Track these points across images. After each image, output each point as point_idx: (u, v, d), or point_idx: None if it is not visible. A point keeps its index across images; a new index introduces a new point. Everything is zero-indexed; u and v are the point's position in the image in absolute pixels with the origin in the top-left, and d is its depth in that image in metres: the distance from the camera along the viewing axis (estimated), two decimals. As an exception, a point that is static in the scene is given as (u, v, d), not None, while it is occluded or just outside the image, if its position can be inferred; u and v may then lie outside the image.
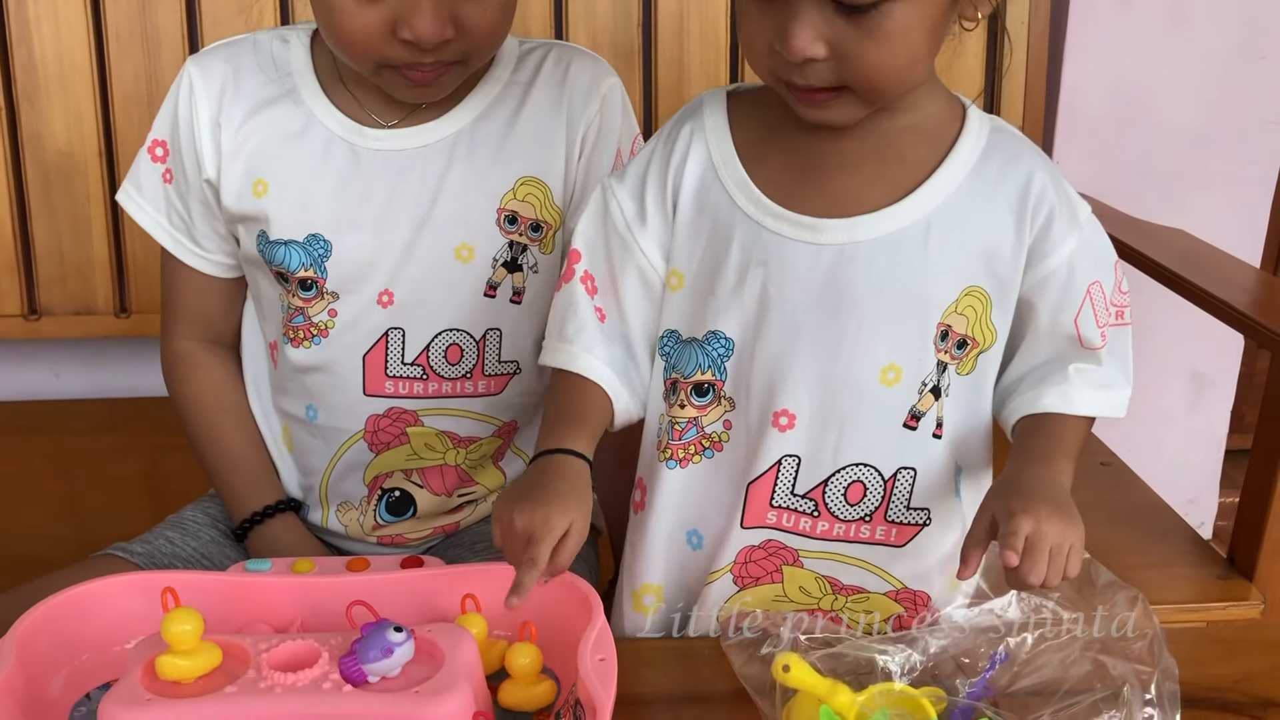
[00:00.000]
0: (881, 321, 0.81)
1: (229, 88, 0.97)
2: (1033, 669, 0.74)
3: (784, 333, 0.82)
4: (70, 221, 1.45)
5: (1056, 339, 0.84)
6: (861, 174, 0.81)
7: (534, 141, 0.98)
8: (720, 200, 0.84)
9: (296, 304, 0.98)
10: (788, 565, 0.87)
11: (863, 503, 0.85)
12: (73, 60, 1.41)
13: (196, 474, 1.18)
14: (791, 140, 0.83)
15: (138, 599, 0.77)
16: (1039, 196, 0.81)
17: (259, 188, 0.97)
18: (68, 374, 1.64)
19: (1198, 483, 1.90)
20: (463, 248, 0.97)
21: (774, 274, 0.81)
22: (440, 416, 1.01)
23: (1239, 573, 1.22)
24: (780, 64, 0.76)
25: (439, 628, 0.73)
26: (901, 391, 0.82)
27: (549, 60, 1.01)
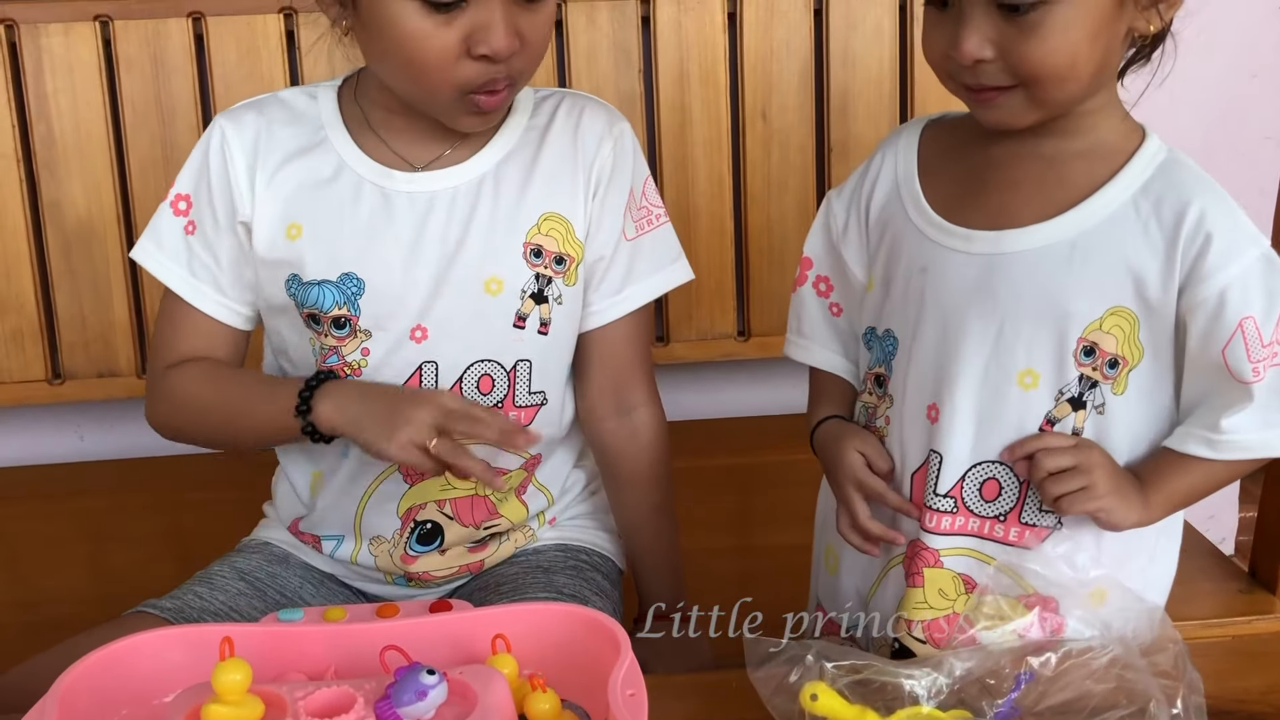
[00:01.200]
0: (1020, 328, 0.86)
1: (263, 137, 1.01)
2: (1059, 688, 0.75)
3: (935, 333, 0.89)
4: (91, 286, 1.48)
5: (1208, 368, 0.85)
6: (1020, 192, 0.88)
7: (553, 181, 1.03)
8: (898, 213, 0.93)
9: (330, 344, 1.01)
10: (929, 568, 0.91)
11: (998, 500, 0.89)
12: (90, 131, 1.45)
13: (221, 529, 1.20)
14: (967, 158, 0.91)
15: (175, 652, 0.78)
16: (1195, 226, 0.82)
17: (292, 231, 1.00)
18: (91, 436, 1.66)
19: (1217, 499, 1.88)
20: (491, 280, 1.01)
21: (932, 279, 0.90)
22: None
23: (1261, 586, 1.22)
24: (955, 67, 0.83)
25: (471, 669, 0.74)
26: (1038, 396, 0.87)
27: (563, 107, 1.05)
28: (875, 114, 1.52)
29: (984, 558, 0.90)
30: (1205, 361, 0.85)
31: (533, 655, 0.79)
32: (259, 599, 1.04)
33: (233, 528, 1.18)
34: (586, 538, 1.13)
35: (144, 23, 1.43)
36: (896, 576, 0.94)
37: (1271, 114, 1.69)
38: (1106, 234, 0.84)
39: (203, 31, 1.44)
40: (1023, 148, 0.87)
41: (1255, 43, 1.65)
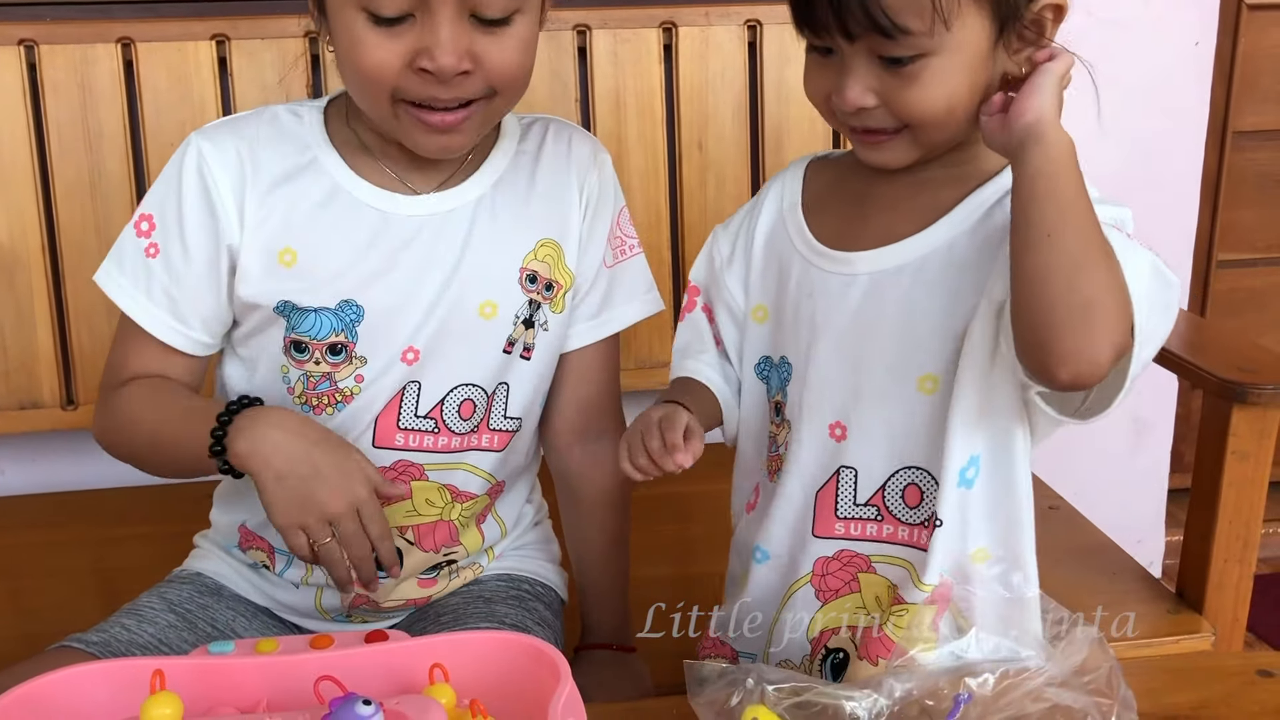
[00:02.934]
0: (914, 336, 0.88)
1: (247, 158, 0.98)
2: (997, 708, 0.75)
3: (829, 353, 0.91)
4: (14, 315, 1.44)
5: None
6: (898, 211, 0.90)
7: (550, 204, 1.03)
8: (785, 244, 0.96)
9: (322, 370, 0.99)
10: (862, 572, 0.92)
11: (921, 506, 0.90)
12: (14, 157, 1.41)
13: (148, 565, 1.17)
14: (850, 187, 0.94)
15: (101, 689, 0.75)
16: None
17: (286, 257, 0.98)
18: (11, 470, 1.61)
19: (1144, 523, 1.94)
20: (486, 305, 1.00)
21: (819, 304, 0.92)
22: (445, 470, 1.02)
23: (1189, 607, 1.25)
24: (840, 111, 0.86)
25: (408, 699, 0.73)
26: (940, 399, 0.88)
27: (550, 132, 1.06)
28: (809, 144, 1.54)
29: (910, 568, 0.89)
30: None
31: (472, 684, 0.78)
32: (189, 631, 1.02)
33: (160, 563, 1.15)
34: (530, 567, 1.12)
35: (71, 48, 1.40)
36: (803, 598, 0.93)
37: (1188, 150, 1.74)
38: (976, 233, 0.87)
39: (132, 57, 1.42)
40: (900, 175, 0.90)
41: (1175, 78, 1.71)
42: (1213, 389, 1.21)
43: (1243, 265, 2.05)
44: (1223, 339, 1.34)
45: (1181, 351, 1.27)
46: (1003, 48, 0.84)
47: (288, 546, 0.92)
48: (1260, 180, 2.00)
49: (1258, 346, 1.29)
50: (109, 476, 1.56)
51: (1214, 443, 1.21)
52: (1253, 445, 1.19)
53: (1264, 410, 1.18)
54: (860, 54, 0.83)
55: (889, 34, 0.80)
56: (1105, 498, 1.78)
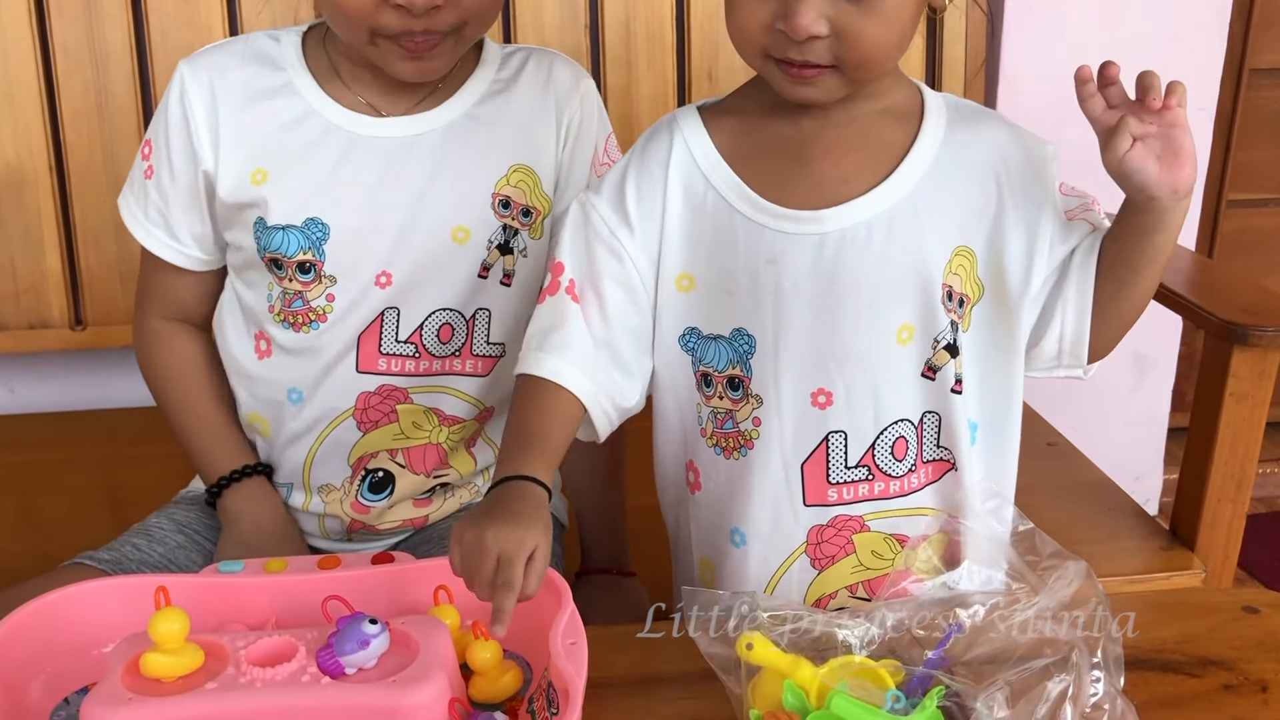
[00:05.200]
0: (889, 289, 0.87)
1: (218, 80, 1.01)
2: (986, 638, 0.77)
3: (806, 319, 0.87)
4: (22, 236, 1.45)
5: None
6: (847, 159, 0.88)
7: (523, 132, 1.03)
8: (716, 205, 0.89)
9: (294, 289, 1.01)
10: (856, 533, 0.91)
11: (907, 456, 0.90)
12: (20, 76, 1.41)
13: (155, 484, 1.19)
14: (774, 136, 0.89)
15: (114, 603, 0.78)
16: (1005, 159, 0.89)
17: (257, 176, 1.00)
18: (22, 389, 1.63)
19: (1142, 461, 1.96)
20: (459, 229, 1.01)
21: (786, 269, 0.87)
22: (429, 394, 1.04)
23: (1181, 544, 1.26)
24: (778, 42, 0.82)
25: (413, 619, 0.75)
26: (916, 347, 0.88)
27: (531, 61, 1.06)
28: None
29: (909, 512, 0.91)
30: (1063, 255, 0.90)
31: (475, 606, 0.79)
32: (198, 552, 1.04)
33: (168, 482, 1.17)
34: (530, 492, 1.13)
35: (77, -35, 1.39)
36: (799, 569, 0.92)
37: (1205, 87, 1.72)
38: (940, 177, 0.87)
39: (138, -25, 1.41)
40: (831, 116, 0.87)
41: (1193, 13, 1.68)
42: (1214, 330, 1.21)
43: (1253, 205, 2.03)
44: (1227, 280, 1.35)
45: (1185, 292, 1.27)
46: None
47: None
48: (1275, 119, 1.98)
49: (1261, 288, 1.29)
50: (117, 397, 1.59)
51: (1213, 383, 1.22)
52: (1251, 386, 1.20)
53: (1264, 352, 1.19)
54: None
55: None
56: (1105, 434, 1.80)
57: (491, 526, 0.75)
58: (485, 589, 0.74)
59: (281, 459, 1.07)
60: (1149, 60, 1.66)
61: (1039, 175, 0.89)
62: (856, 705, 0.70)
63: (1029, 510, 0.88)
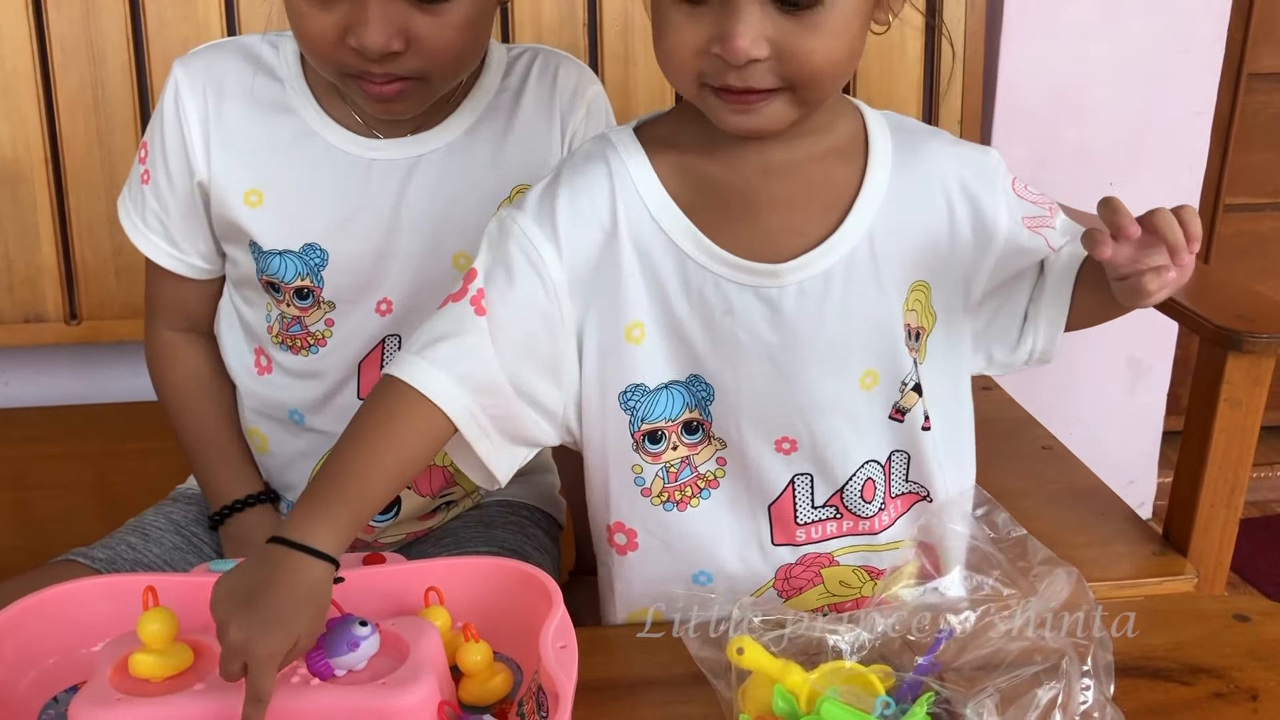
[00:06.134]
0: (851, 339, 0.84)
1: (211, 89, 0.97)
2: (977, 644, 0.77)
3: (765, 371, 0.84)
4: (17, 229, 1.45)
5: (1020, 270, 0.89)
6: (796, 210, 0.83)
7: (526, 150, 1.00)
8: (666, 249, 0.83)
9: (293, 313, 0.99)
10: (825, 568, 0.90)
11: (876, 497, 0.89)
12: (15, 68, 1.41)
13: (149, 479, 1.19)
14: (718, 179, 0.83)
15: (105, 603, 0.77)
16: (957, 180, 0.86)
17: (252, 197, 0.97)
18: (17, 382, 1.63)
19: (1137, 464, 1.96)
20: (460, 255, 0.98)
21: (742, 321, 0.83)
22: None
23: (1174, 549, 1.26)
24: (715, 68, 0.75)
25: (403, 621, 0.75)
26: (881, 391, 0.86)
27: (535, 66, 1.02)
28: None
29: (878, 548, 0.90)
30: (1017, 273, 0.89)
31: (465, 608, 0.80)
32: (194, 554, 1.04)
33: (163, 477, 1.17)
34: (529, 494, 1.13)
35: (74, -42, 1.39)
36: (766, 601, 0.89)
37: (1202, 89, 1.72)
38: (889, 218, 0.84)
39: (136, -31, 1.40)
40: (774, 159, 0.82)
41: (1193, 19, 1.68)
42: (1209, 335, 1.21)
43: (1250, 210, 2.04)
44: (1222, 286, 1.34)
45: (1181, 297, 1.27)
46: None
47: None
48: (1273, 124, 1.98)
49: (1256, 294, 1.29)
50: (112, 391, 1.59)
51: (1207, 389, 1.22)
52: (1245, 393, 1.20)
53: (1258, 358, 1.19)
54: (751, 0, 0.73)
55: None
56: (1100, 438, 1.80)
57: (239, 620, 0.65)
58: (228, 675, 0.66)
59: (282, 476, 1.06)
60: (1148, 65, 1.68)
61: (988, 190, 0.86)
62: (846, 711, 0.70)
63: (1022, 514, 0.88)
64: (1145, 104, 1.71)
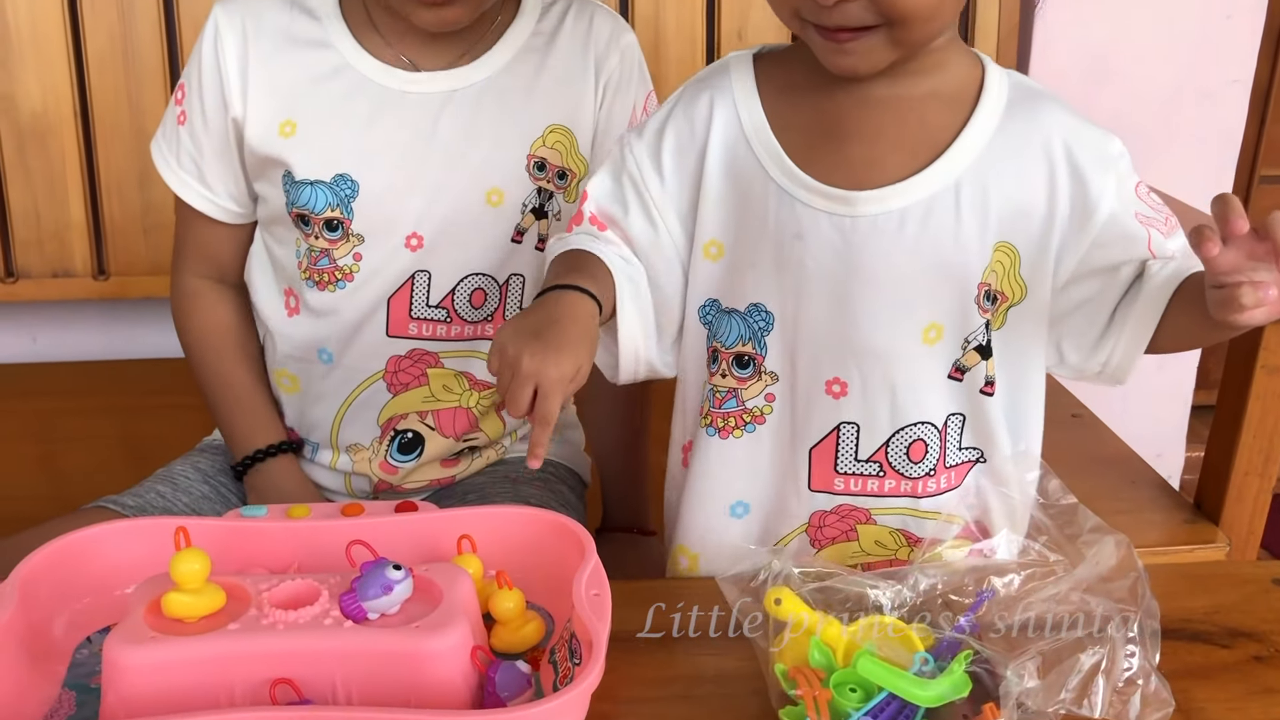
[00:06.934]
0: (919, 285, 0.82)
1: (251, 26, 0.98)
2: (1021, 607, 0.76)
3: (827, 304, 0.83)
4: (46, 183, 1.44)
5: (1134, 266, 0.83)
6: (883, 141, 0.82)
7: (562, 90, 1.00)
8: (753, 170, 0.83)
9: (321, 246, 0.99)
10: (861, 524, 0.89)
11: (925, 459, 0.87)
12: (46, 23, 1.40)
13: (176, 433, 1.19)
14: (815, 104, 0.83)
15: (138, 544, 0.77)
16: (1066, 152, 0.82)
17: (286, 128, 0.97)
18: (45, 338, 1.63)
19: (1165, 437, 1.94)
20: (493, 192, 0.99)
21: (810, 247, 0.82)
22: (461, 358, 1.03)
23: (1205, 517, 1.25)
24: (809, 6, 0.76)
25: (436, 567, 0.75)
26: (944, 347, 0.84)
27: (571, 12, 1.02)
28: None
29: (921, 514, 0.88)
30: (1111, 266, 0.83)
31: (498, 557, 0.79)
32: (222, 504, 1.04)
33: (189, 432, 1.17)
34: (554, 451, 1.13)
35: (104, -90, 1.38)
36: (797, 545, 0.89)
37: (1242, 57, 1.70)
38: (986, 169, 0.81)
39: (166, -78, 1.39)
40: (873, 92, 0.81)
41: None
42: (1248, 302, 1.19)
43: (1286, 182, 2.01)
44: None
45: (1219, 264, 1.25)
46: None
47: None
48: (1312, 94, 1.95)
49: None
50: (139, 347, 1.59)
51: (1244, 355, 1.20)
52: (1284, 360, 1.18)
53: (1299, 325, 1.17)
54: None
55: None
56: (1128, 410, 1.78)
57: (531, 348, 0.72)
58: (519, 414, 0.73)
59: (310, 416, 1.06)
60: (1186, 30, 1.65)
61: (1097, 169, 0.82)
62: (882, 666, 0.69)
63: (1051, 481, 0.87)
64: (1183, 71, 1.68)
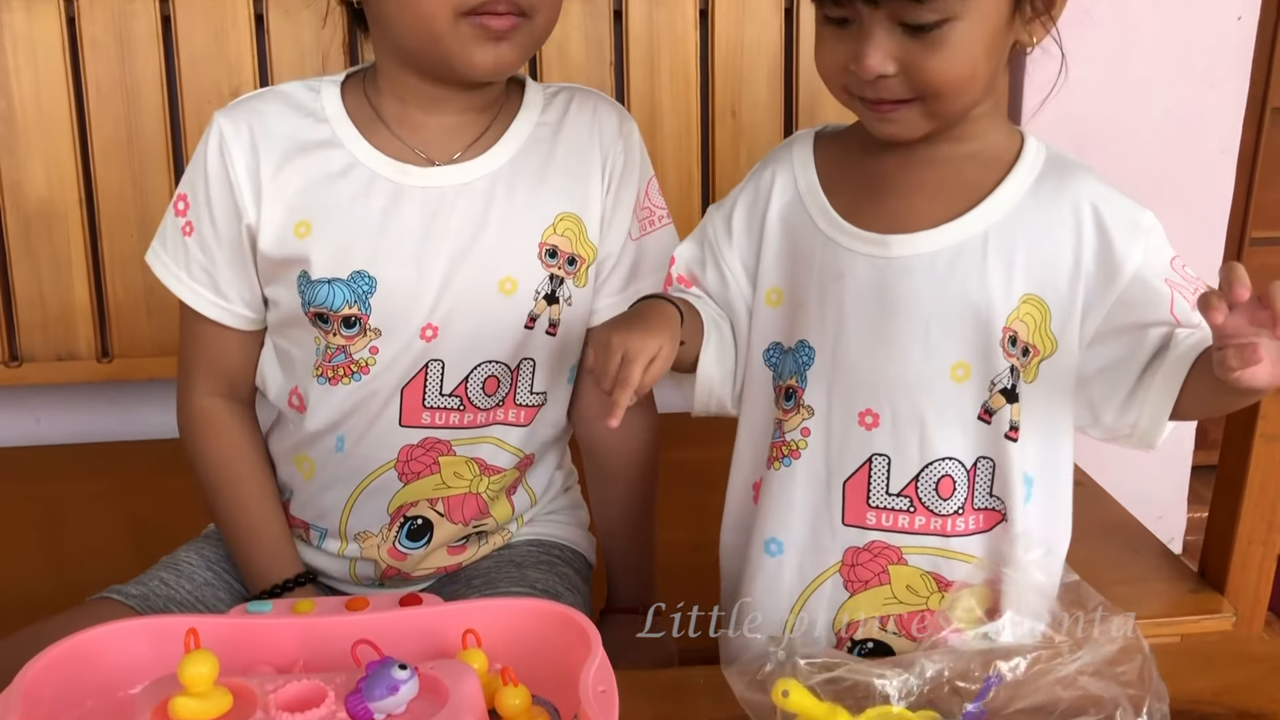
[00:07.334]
0: (947, 323, 0.88)
1: (259, 133, 0.99)
2: (1027, 692, 0.75)
3: (861, 339, 0.90)
4: (51, 267, 1.46)
5: (1161, 331, 0.87)
6: (920, 194, 0.90)
7: (570, 178, 1.02)
8: (804, 224, 0.94)
9: (338, 343, 1.00)
10: (893, 564, 0.91)
11: (954, 496, 0.90)
12: (52, 109, 1.43)
13: (183, 517, 1.19)
14: (864, 165, 0.92)
15: (142, 644, 0.77)
16: (1094, 214, 0.87)
17: (301, 229, 0.98)
18: (49, 420, 1.64)
19: (1166, 499, 1.94)
20: (506, 280, 1.00)
21: (849, 286, 0.90)
22: (472, 444, 1.03)
23: (1210, 586, 1.25)
24: (854, 81, 0.85)
25: (441, 664, 0.74)
26: (972, 387, 0.89)
27: (575, 103, 1.05)
28: (843, 114, 1.48)
29: (951, 554, 0.90)
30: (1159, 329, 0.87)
31: (503, 650, 0.79)
32: (226, 591, 1.04)
33: (196, 516, 1.16)
34: (560, 533, 1.13)
35: (110, 3, 1.41)
36: (832, 588, 0.93)
37: (1229, 126, 1.72)
38: (1013, 225, 0.88)
39: (170, 12, 1.42)
40: (915, 154, 0.90)
41: (1216, 52, 1.68)
42: (1245, 371, 1.20)
43: (1276, 243, 2.03)
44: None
45: (1214, 331, 1.26)
46: (1018, 16, 0.85)
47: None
48: (1297, 157, 1.98)
49: (1291, 329, 1.28)
50: (144, 429, 1.59)
51: (1243, 424, 1.21)
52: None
53: (1295, 394, 1.18)
54: (881, 20, 0.82)
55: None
56: (1127, 472, 1.77)
57: (621, 330, 0.86)
58: (608, 382, 0.85)
59: (319, 503, 1.05)
60: (1170, 100, 1.67)
61: (1125, 234, 0.86)
62: (891, 756, 0.69)
63: (1054, 550, 0.87)
64: (1169, 140, 1.70)
